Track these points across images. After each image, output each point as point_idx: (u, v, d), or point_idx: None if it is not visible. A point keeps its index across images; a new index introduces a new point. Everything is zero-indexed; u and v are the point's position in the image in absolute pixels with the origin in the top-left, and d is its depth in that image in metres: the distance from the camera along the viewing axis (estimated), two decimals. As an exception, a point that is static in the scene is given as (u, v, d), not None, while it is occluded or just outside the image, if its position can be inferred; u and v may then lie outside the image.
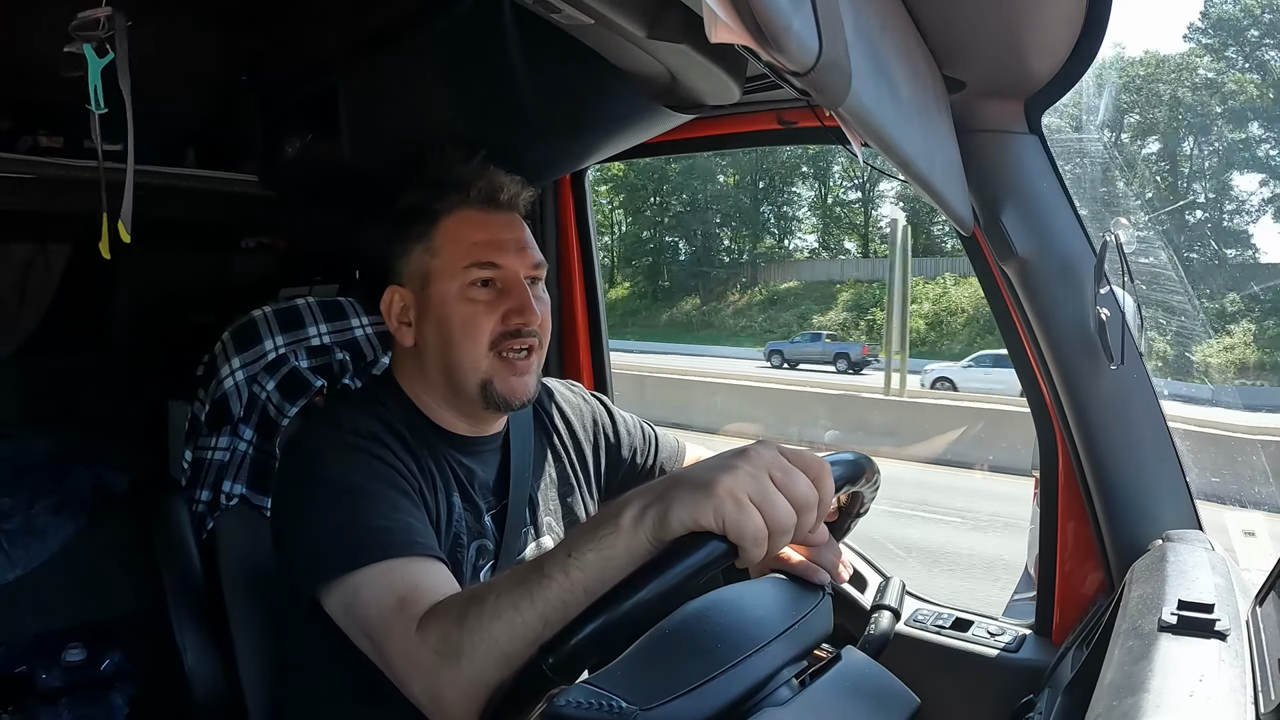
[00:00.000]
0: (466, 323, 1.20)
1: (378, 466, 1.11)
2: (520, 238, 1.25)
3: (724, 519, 0.74)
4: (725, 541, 0.75)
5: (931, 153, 1.04)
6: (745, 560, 0.77)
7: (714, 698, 0.88)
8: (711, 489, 0.75)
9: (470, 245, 1.22)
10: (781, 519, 0.76)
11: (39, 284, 2.76)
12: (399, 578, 0.98)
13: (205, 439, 1.59)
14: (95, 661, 2.40)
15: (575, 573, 0.80)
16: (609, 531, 0.79)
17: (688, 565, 0.74)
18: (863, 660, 1.06)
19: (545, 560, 0.83)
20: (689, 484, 0.77)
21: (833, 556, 1.14)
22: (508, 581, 0.85)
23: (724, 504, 0.75)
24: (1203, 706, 0.76)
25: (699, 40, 1.04)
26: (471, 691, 0.84)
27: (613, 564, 0.78)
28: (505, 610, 0.82)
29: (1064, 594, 1.48)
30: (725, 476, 0.76)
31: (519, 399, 1.23)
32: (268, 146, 2.04)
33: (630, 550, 0.78)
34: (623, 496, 0.83)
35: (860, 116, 0.78)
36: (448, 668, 0.85)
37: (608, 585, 0.77)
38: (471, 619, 0.85)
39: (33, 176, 1.84)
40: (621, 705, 0.83)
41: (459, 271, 1.21)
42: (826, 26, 0.62)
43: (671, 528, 0.76)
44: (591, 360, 2.15)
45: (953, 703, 1.46)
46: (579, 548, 0.81)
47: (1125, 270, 1.33)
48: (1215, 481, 1.67)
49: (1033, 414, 1.50)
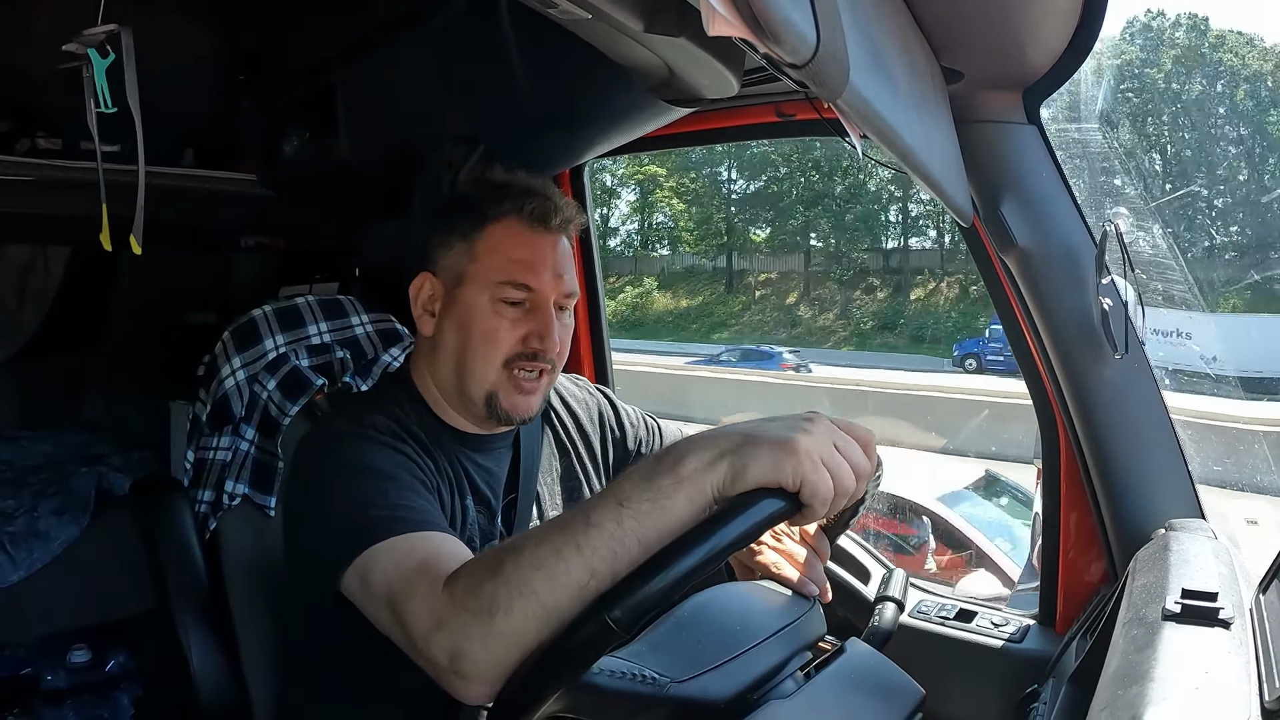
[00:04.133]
0: (487, 335, 1.20)
1: (398, 457, 1.11)
2: (559, 263, 1.23)
3: (802, 478, 0.77)
4: (793, 500, 0.77)
5: (930, 144, 1.04)
6: (805, 519, 0.79)
7: (739, 675, 0.88)
8: (793, 448, 0.77)
9: (509, 261, 1.20)
10: (846, 482, 0.80)
11: (39, 286, 2.77)
12: (420, 544, 0.96)
13: (207, 439, 1.59)
14: (100, 662, 2.40)
15: (630, 522, 0.77)
16: (668, 481, 0.78)
17: (756, 517, 0.76)
18: (867, 652, 1.06)
19: (590, 509, 0.80)
20: (768, 440, 0.79)
21: (820, 572, 1.15)
22: (547, 530, 0.82)
23: (804, 464, 0.77)
24: (1207, 695, 0.76)
25: (696, 34, 1.04)
26: (503, 650, 0.79)
27: (672, 515, 0.78)
28: (547, 559, 0.78)
29: (1067, 584, 1.48)
30: (803, 438, 0.78)
31: (520, 416, 1.23)
32: (266, 145, 2.04)
33: (692, 501, 0.78)
34: (672, 448, 0.82)
35: (858, 108, 0.78)
36: (479, 623, 0.80)
37: (664, 536, 0.76)
38: (509, 569, 0.80)
39: (32, 179, 1.84)
40: (655, 676, 0.82)
41: (492, 284, 1.20)
42: (824, 19, 0.62)
43: (747, 481, 0.77)
44: (593, 354, 2.15)
45: (957, 694, 1.46)
46: (632, 497, 0.79)
47: (1126, 260, 1.32)
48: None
49: (1034, 404, 1.50)
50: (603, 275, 2.19)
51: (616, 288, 36.00)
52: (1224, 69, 27.64)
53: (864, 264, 33.49)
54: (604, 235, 35.98)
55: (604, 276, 2.48)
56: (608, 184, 36.01)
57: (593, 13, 0.99)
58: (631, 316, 35.26)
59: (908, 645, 1.27)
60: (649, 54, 1.19)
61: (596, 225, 2.29)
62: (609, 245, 36.68)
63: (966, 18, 1.11)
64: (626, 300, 35.99)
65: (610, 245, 37.01)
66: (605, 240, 35.98)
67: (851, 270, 33.06)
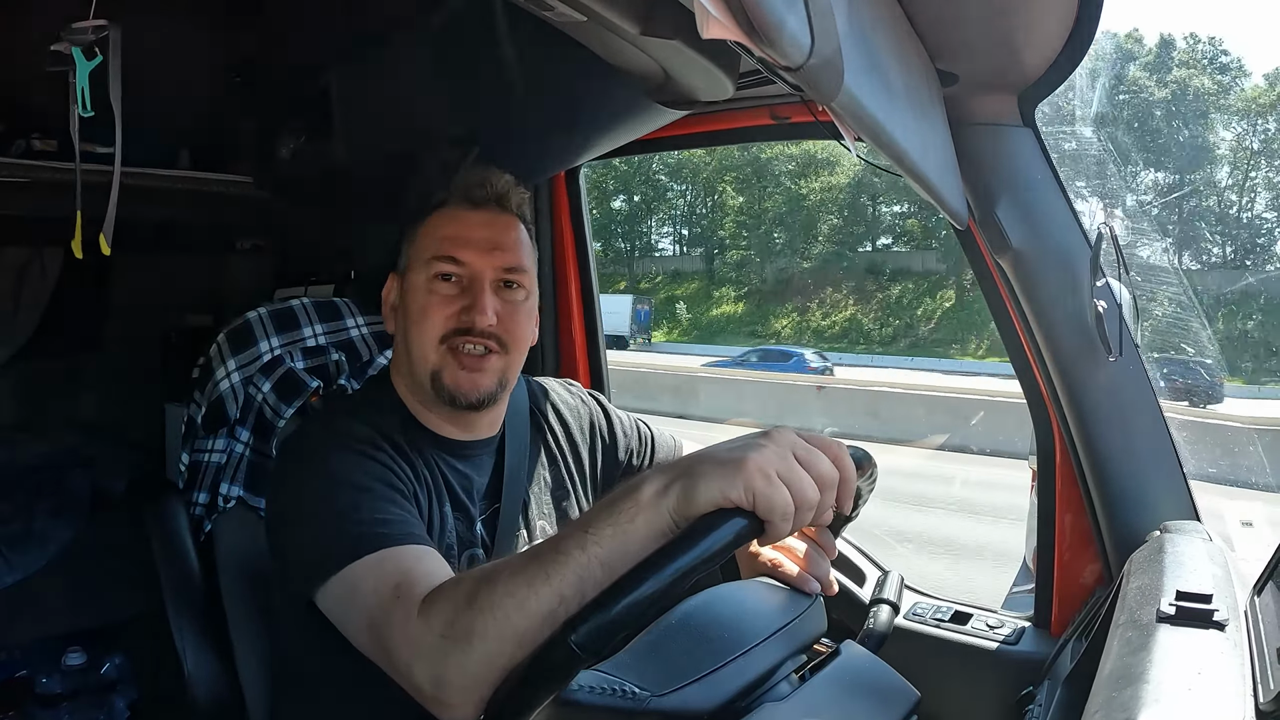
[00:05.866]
0: (422, 312, 1.21)
1: (374, 466, 1.11)
2: (493, 237, 1.23)
3: (754, 494, 0.76)
4: (752, 517, 0.76)
5: (925, 147, 1.04)
6: (770, 537, 0.78)
7: (724, 685, 0.88)
8: (741, 465, 0.76)
9: (439, 239, 1.22)
10: (808, 495, 0.78)
11: (34, 288, 2.76)
12: (393, 565, 0.97)
13: (202, 441, 1.59)
14: (95, 665, 2.40)
15: (593, 548, 0.79)
16: (628, 506, 0.79)
17: (717, 538, 0.75)
18: (862, 654, 1.06)
19: (560, 538, 0.82)
20: (716, 460, 0.78)
21: (825, 567, 1.14)
22: (520, 560, 0.83)
23: (754, 479, 0.76)
24: (1201, 697, 0.76)
25: (692, 37, 1.04)
26: (481, 675, 0.81)
27: (633, 539, 0.78)
28: (519, 588, 0.80)
29: (1062, 586, 1.48)
30: (753, 453, 0.78)
31: (466, 395, 1.21)
32: (262, 147, 2.04)
33: (651, 525, 0.78)
34: (640, 475, 0.83)
35: (853, 111, 0.78)
36: (456, 650, 0.82)
37: (627, 561, 0.77)
38: (483, 598, 0.82)
39: (26, 180, 1.83)
40: (635, 691, 0.82)
41: (425, 263, 1.22)
42: (819, 22, 0.62)
43: (698, 503, 0.77)
44: (588, 358, 2.14)
45: (953, 696, 1.46)
46: (596, 524, 0.80)
47: (1121, 262, 1.33)
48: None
49: (1029, 406, 1.50)
50: (598, 280, 2.18)
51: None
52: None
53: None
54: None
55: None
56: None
57: (588, 15, 0.99)
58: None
59: (903, 648, 1.27)
60: (644, 57, 1.19)
61: (604, 226, 2.29)
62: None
63: (962, 21, 1.11)
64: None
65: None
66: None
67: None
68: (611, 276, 40.62)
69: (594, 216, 2.06)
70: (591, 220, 2.19)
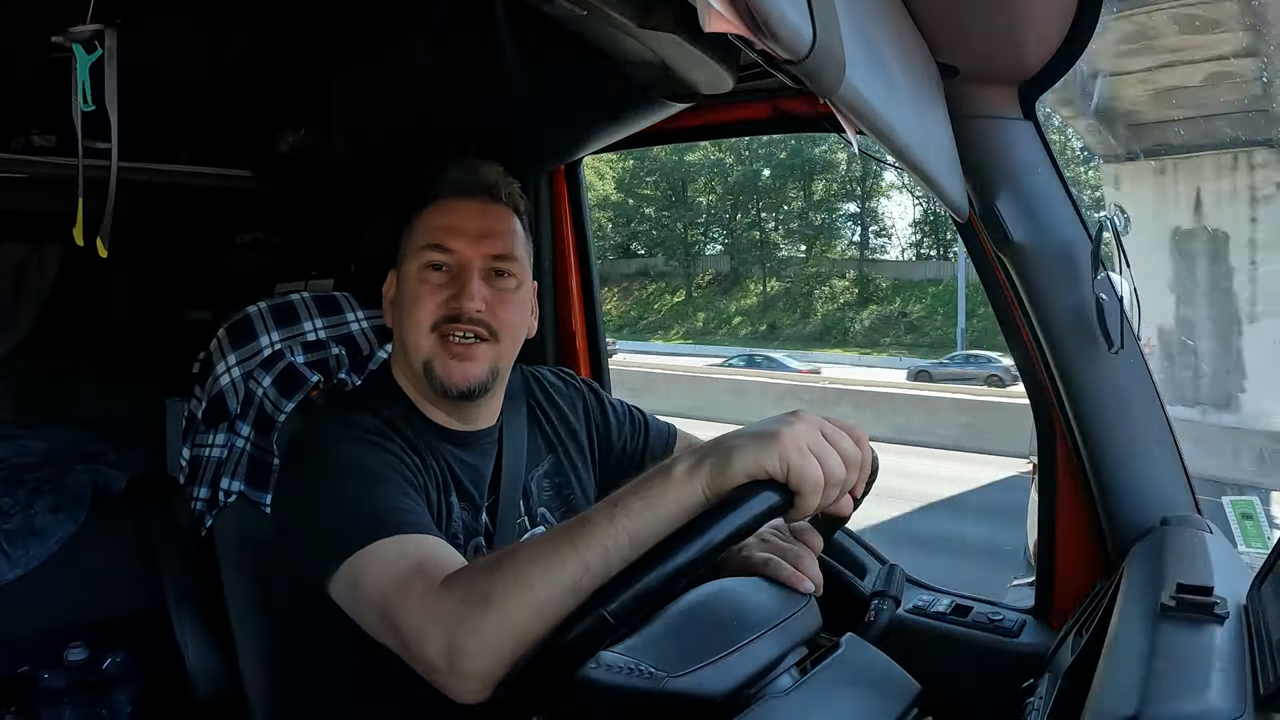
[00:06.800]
0: (413, 301, 1.21)
1: (387, 457, 1.11)
2: (484, 226, 1.23)
3: (789, 465, 0.80)
4: (783, 490, 0.80)
5: (926, 140, 1.04)
6: (799, 510, 0.82)
7: (736, 670, 0.88)
8: (776, 437, 0.81)
9: (430, 229, 1.23)
10: (836, 470, 0.83)
11: (34, 283, 2.76)
12: (414, 548, 0.96)
13: (202, 436, 1.58)
14: (97, 661, 2.39)
15: (622, 519, 0.82)
16: (659, 483, 0.83)
17: (750, 508, 0.78)
18: (864, 647, 1.06)
19: (588, 513, 0.85)
20: (751, 435, 0.83)
21: (816, 567, 1.14)
22: (547, 534, 0.86)
23: (789, 451, 0.80)
24: (1202, 689, 0.76)
25: (692, 29, 1.04)
26: (495, 643, 0.81)
27: (661, 513, 0.81)
28: (544, 554, 0.82)
29: (1063, 579, 1.48)
30: (786, 428, 0.82)
31: (456, 385, 1.21)
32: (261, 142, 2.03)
33: (680, 501, 0.82)
34: (671, 457, 0.88)
35: (854, 104, 0.78)
36: (474, 613, 0.82)
37: (655, 535, 0.79)
38: (505, 564, 0.84)
39: (25, 175, 1.83)
40: (651, 670, 0.83)
41: (416, 253, 1.23)
42: (820, 15, 0.62)
43: (733, 474, 0.81)
44: (589, 351, 2.14)
45: (954, 688, 1.46)
46: (625, 499, 0.83)
47: (1121, 255, 1.33)
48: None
49: (1030, 400, 1.50)
50: (598, 276, 2.18)
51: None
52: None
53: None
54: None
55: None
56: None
57: (589, 9, 0.99)
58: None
59: (904, 640, 1.27)
60: (644, 50, 1.19)
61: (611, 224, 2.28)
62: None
63: (962, 13, 1.11)
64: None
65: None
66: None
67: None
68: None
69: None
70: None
